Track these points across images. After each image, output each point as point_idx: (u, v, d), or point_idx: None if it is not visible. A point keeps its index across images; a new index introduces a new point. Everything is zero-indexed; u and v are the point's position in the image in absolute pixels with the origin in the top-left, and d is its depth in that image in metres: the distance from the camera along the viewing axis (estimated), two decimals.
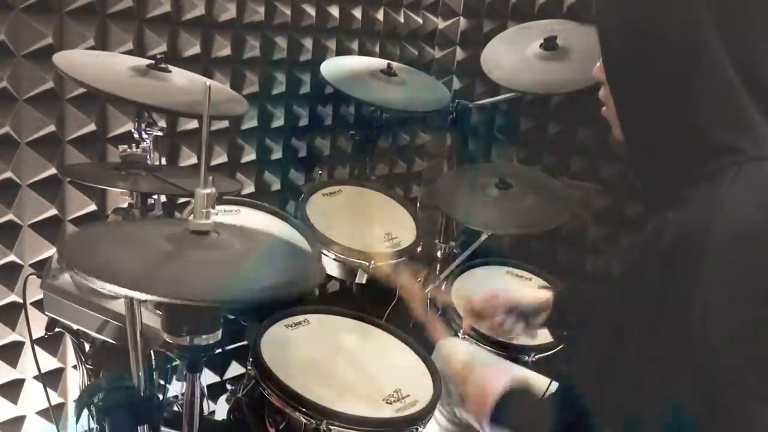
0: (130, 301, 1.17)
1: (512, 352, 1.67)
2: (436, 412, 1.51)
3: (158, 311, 1.31)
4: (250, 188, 2.16)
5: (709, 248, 0.79)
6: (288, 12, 2.09)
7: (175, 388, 1.68)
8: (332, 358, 1.48)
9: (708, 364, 0.79)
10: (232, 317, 1.70)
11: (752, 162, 0.84)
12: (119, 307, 1.34)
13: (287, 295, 1.41)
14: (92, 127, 1.74)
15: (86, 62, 1.46)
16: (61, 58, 1.38)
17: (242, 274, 0.97)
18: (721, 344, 0.78)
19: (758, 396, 0.77)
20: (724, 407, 0.78)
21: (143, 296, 0.82)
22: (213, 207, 1.00)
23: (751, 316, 0.78)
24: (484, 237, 1.97)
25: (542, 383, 1.33)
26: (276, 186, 2.24)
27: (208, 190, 0.99)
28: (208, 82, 0.97)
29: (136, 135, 1.47)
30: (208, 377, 2.12)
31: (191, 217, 1.00)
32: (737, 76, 0.84)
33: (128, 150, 1.34)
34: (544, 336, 1.71)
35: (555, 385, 1.21)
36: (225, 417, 1.65)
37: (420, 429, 1.34)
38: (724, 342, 0.78)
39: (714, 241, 0.79)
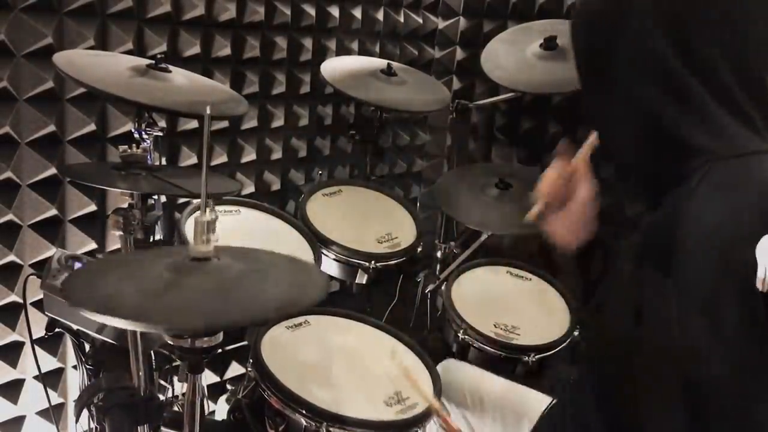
0: None
1: (512, 352, 1.67)
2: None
3: None
4: (250, 188, 2.16)
5: (677, 251, 0.79)
6: (288, 12, 2.08)
7: (176, 388, 1.69)
8: (332, 359, 1.48)
9: (691, 368, 0.78)
10: None
11: (722, 161, 0.84)
12: None
13: (287, 314, 1.42)
14: (92, 127, 1.74)
15: (86, 62, 1.46)
16: (61, 58, 1.38)
17: (241, 297, 0.97)
18: (701, 348, 0.77)
19: (747, 395, 0.77)
20: (714, 410, 0.78)
21: (143, 328, 0.81)
22: (213, 232, 1.00)
23: (727, 317, 0.77)
24: (484, 237, 1.97)
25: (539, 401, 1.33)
26: (276, 186, 2.24)
27: (208, 218, 0.99)
28: (208, 109, 0.96)
29: (136, 135, 1.47)
30: (208, 377, 2.12)
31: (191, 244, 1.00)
32: (698, 83, 0.85)
33: (128, 150, 1.34)
34: (544, 336, 1.71)
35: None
36: (225, 417, 1.65)
37: (420, 431, 1.34)
38: (704, 345, 0.77)
39: (681, 243, 0.79)
